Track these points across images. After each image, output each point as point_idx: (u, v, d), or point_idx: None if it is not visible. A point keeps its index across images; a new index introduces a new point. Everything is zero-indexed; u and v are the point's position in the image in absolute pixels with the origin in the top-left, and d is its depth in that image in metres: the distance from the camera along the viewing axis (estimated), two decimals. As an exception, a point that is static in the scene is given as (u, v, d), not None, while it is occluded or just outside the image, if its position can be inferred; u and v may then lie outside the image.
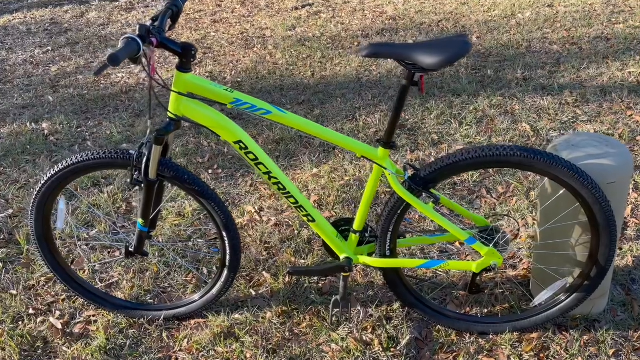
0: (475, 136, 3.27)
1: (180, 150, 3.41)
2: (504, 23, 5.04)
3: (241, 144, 1.79)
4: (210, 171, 3.19)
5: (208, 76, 4.56)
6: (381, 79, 4.14)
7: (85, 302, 2.28)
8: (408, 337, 2.02)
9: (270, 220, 2.73)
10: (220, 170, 3.19)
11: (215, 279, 2.13)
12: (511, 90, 3.77)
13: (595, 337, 1.99)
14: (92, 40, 5.68)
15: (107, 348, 2.09)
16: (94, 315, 2.25)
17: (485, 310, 2.14)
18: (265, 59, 4.77)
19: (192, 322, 2.20)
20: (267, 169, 1.82)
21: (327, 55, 4.69)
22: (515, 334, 2.02)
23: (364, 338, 2.05)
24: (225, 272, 2.08)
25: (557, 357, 1.94)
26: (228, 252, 2.03)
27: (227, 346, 2.06)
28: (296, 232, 2.63)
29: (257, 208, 2.84)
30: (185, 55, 1.66)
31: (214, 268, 2.47)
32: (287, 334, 2.10)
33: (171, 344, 2.11)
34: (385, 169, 1.76)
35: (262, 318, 2.17)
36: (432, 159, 3.09)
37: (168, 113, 1.76)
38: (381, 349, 2.00)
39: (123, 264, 2.52)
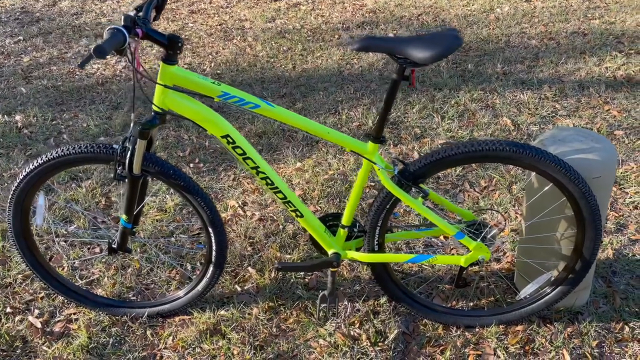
0: (457, 130, 3.29)
1: (160, 144, 3.35)
2: (483, 17, 5.07)
3: (228, 138, 1.75)
4: (191, 165, 3.14)
5: (187, 68, 4.49)
6: (363, 73, 4.13)
7: (66, 300, 2.23)
8: (396, 332, 2.03)
9: (254, 215, 2.70)
10: (201, 165, 3.15)
11: (201, 275, 2.10)
12: (492, 84, 3.80)
13: (579, 329, 2.02)
14: (66, 30, 5.53)
15: (89, 347, 2.04)
16: (74, 314, 2.20)
17: (471, 304, 2.16)
18: (245, 51, 4.71)
19: (177, 319, 2.16)
20: (255, 163, 1.80)
21: (308, 48, 4.66)
22: (500, 327, 2.04)
23: (352, 333, 2.04)
24: (211, 268, 2.05)
25: (542, 349, 1.97)
26: (214, 247, 2.00)
27: (213, 343, 2.03)
28: (281, 226, 2.61)
29: (240, 202, 2.81)
30: (172, 47, 1.62)
31: (198, 264, 2.43)
32: (274, 330, 2.08)
33: (155, 341, 2.07)
34: (375, 163, 1.75)
35: (249, 314, 2.15)
36: (416, 153, 3.09)
37: (153, 106, 1.71)
38: (369, 344, 2.00)
39: (104, 260, 2.46)
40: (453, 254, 2.35)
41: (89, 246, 2.57)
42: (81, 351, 2.02)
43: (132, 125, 1.83)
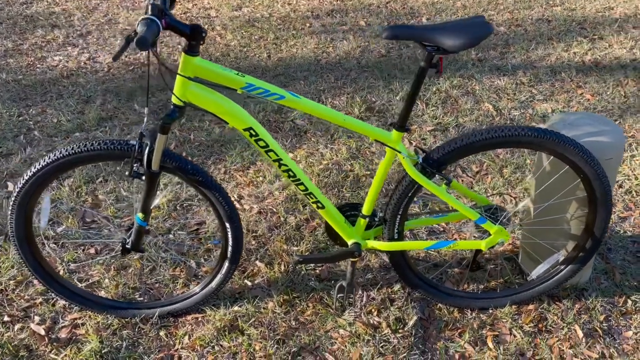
0: (443, 117, 3.34)
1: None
2: (450, 4, 5.15)
3: (251, 131, 1.71)
4: (179, 159, 3.04)
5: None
6: (340, 61, 4.12)
7: (67, 305, 2.12)
8: (415, 318, 2.05)
9: (252, 209, 2.66)
10: (189, 159, 3.05)
11: (215, 271, 2.05)
12: (469, 70, 3.88)
13: (586, 305, 2.11)
14: (17, 20, 5.21)
15: (103, 352, 1.96)
16: (79, 318, 2.10)
17: (482, 286, 2.21)
18: (215, 40, 4.60)
19: (189, 317, 2.11)
20: (278, 156, 1.76)
21: (281, 37, 4.60)
22: (513, 307, 2.10)
23: (371, 321, 2.05)
24: (227, 264, 2.01)
25: (554, 326, 2.04)
26: (230, 243, 1.96)
27: (232, 340, 1.99)
28: (282, 219, 2.58)
29: (236, 196, 2.75)
30: (194, 37, 1.55)
31: (202, 260, 2.37)
32: (293, 323, 2.06)
33: (171, 342, 2.01)
34: (399, 152, 1.75)
35: (264, 309, 2.12)
36: (406, 141, 3.12)
37: (173, 99, 1.65)
38: (390, 331, 2.02)
39: (101, 261, 2.36)
40: (456, 239, 2.39)
41: (82, 247, 2.46)
42: (94, 356, 1.94)
43: (145, 119, 1.75)
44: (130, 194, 2.79)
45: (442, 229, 2.49)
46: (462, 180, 2.82)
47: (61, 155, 1.73)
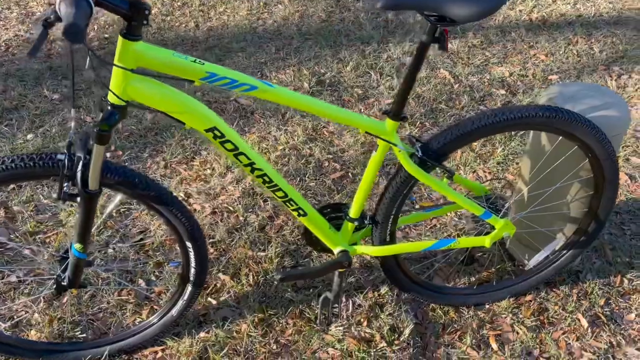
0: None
1: (57, 129, 2.74)
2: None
3: (215, 132, 1.36)
4: (108, 155, 2.60)
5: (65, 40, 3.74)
6: (279, 28, 3.73)
7: (-10, 355, 1.71)
8: (411, 326, 1.82)
9: (204, 209, 2.30)
10: (120, 152, 2.62)
11: (176, 297, 1.71)
12: (417, 34, 3.62)
13: (584, 289, 1.98)
14: None
15: (43, 413, 1.58)
16: (5, 370, 1.70)
17: (473, 279, 2.02)
18: (132, 10, 4.04)
19: (147, 353, 1.76)
20: (250, 159, 1.43)
21: (207, 3, 4.11)
22: (511, 300, 1.93)
23: (363, 335, 1.80)
24: (189, 288, 1.67)
25: (557, 317, 1.89)
26: (193, 265, 1.62)
27: (205, 377, 1.68)
28: (242, 219, 2.25)
29: (182, 194, 2.38)
30: (135, 17, 1.17)
31: (152, 277, 2.01)
32: (274, 347, 1.77)
33: (129, 387, 1.67)
34: (395, 145, 1.47)
35: (237, 332, 1.81)
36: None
37: (110, 97, 1.26)
38: (385, 344, 1.78)
39: (26, 291, 1.94)
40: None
41: (-1, 275, 2.02)
42: (33, 421, 1.56)
43: (72, 125, 1.35)
44: (53, 201, 2.34)
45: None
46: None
47: (-39, 180, 1.30)
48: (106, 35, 3.71)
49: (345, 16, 3.89)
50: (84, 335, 1.82)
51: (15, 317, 1.86)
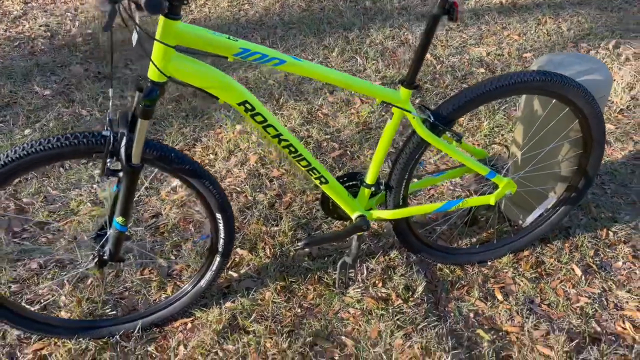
0: (385, 70, 3.22)
1: (54, 123, 2.77)
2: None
3: (247, 105, 1.46)
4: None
5: (45, 30, 3.74)
6: (262, 19, 3.82)
7: (23, 336, 1.77)
8: (424, 283, 1.96)
9: (213, 190, 2.38)
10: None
11: (204, 269, 1.80)
12: (396, 20, 3.77)
13: (574, 243, 2.15)
14: None
15: (86, 384, 1.66)
16: (42, 349, 1.76)
17: (474, 240, 2.17)
18: (111, 6, 4.05)
19: (177, 325, 1.85)
20: (277, 131, 1.54)
21: (187, -3, 4.16)
22: (511, 256, 2.09)
23: (380, 294, 1.93)
24: (218, 258, 1.77)
25: (553, 268, 2.06)
26: (222, 236, 1.71)
27: (237, 341, 1.78)
28: (250, 198, 2.34)
29: (189, 179, 2.45)
30: (176, -4, 1.26)
31: (171, 255, 2.09)
32: (299, 311, 1.88)
33: (165, 356, 1.75)
34: (409, 112, 1.60)
35: (262, 300, 1.91)
36: (357, 100, 2.97)
37: (150, 74, 1.34)
38: (401, 301, 1.91)
39: (49, 277, 2.00)
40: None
41: (19, 263, 2.06)
42: (78, 392, 1.63)
43: (110, 103, 1.43)
44: (60, 191, 2.39)
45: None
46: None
47: (9, 159, 1.36)
48: (89, 31, 3.72)
49: (325, 5, 4.01)
50: (114, 312, 1.89)
51: (41, 300, 1.92)
